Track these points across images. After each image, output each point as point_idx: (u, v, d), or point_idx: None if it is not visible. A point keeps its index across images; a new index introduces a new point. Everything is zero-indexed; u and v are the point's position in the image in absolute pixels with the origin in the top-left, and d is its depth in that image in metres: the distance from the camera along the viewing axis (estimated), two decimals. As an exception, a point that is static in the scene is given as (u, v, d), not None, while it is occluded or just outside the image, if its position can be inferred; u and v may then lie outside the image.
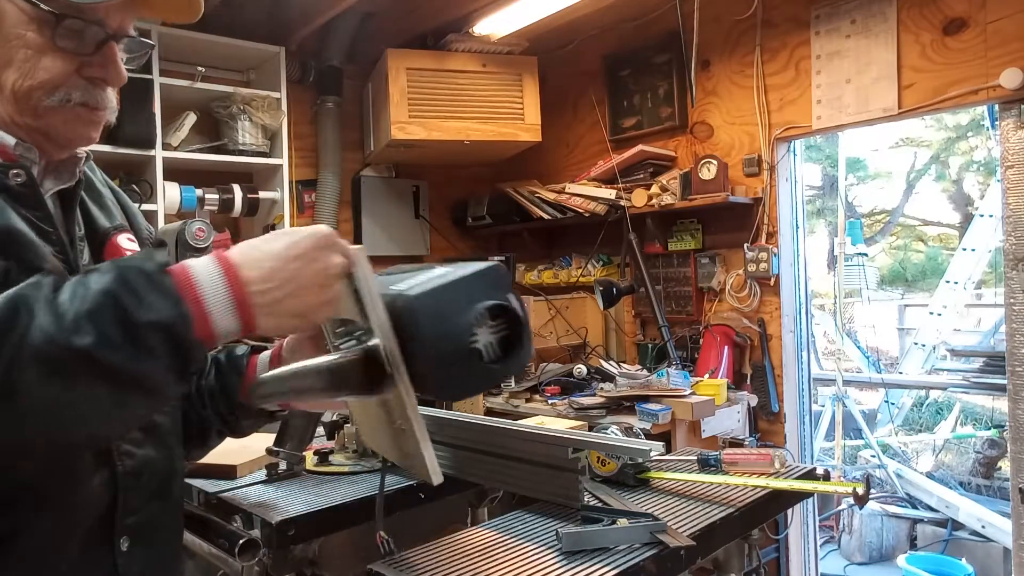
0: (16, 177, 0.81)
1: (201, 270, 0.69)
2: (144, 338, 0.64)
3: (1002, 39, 2.41)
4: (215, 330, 0.69)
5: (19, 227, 0.78)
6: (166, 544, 0.95)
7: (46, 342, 0.61)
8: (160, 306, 0.65)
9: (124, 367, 0.63)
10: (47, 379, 0.61)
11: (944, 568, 3.57)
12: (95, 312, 0.63)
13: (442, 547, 1.06)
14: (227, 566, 1.30)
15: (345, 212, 3.88)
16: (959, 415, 5.99)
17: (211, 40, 3.15)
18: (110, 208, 0.97)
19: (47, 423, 0.63)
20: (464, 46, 3.45)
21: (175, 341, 0.66)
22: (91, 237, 0.91)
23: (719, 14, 3.19)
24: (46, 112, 0.82)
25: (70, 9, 0.79)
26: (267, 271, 0.71)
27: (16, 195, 0.80)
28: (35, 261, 0.78)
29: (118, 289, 0.65)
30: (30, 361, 0.60)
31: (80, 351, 0.62)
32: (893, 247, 10.86)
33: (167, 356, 0.66)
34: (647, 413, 2.46)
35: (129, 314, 0.64)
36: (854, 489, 1.16)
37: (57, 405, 0.62)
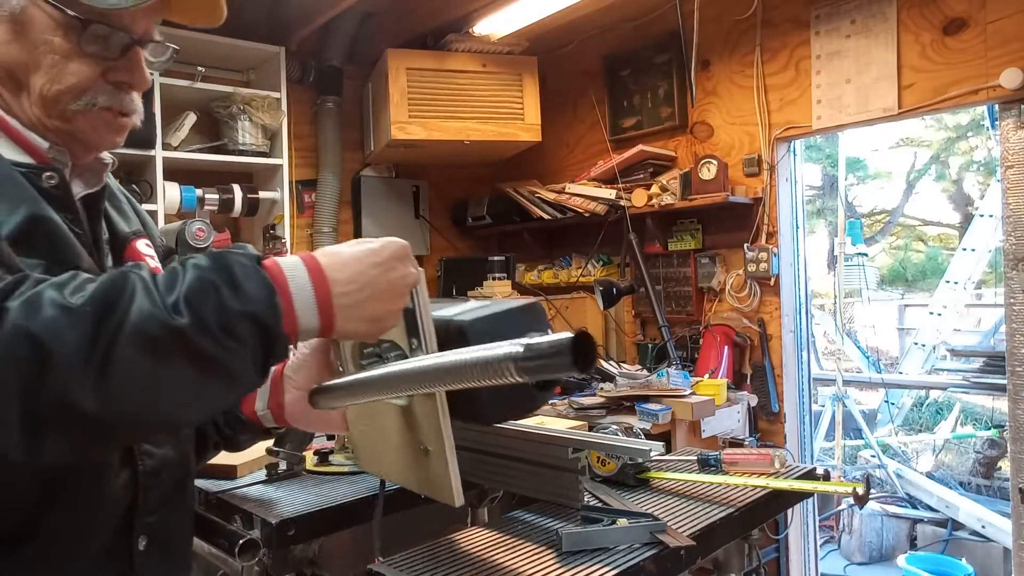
0: (50, 180, 0.83)
1: (290, 267, 0.72)
2: (236, 325, 0.66)
3: (1002, 39, 2.41)
4: (299, 326, 0.71)
5: (61, 227, 0.80)
6: (179, 544, 0.96)
7: (145, 320, 0.63)
8: (255, 296, 0.67)
9: (214, 351, 0.65)
10: (142, 356, 0.62)
11: (944, 568, 3.57)
12: (193, 296, 0.65)
13: (442, 547, 1.06)
14: (227, 566, 1.30)
15: (345, 212, 3.88)
16: (959, 415, 5.99)
17: (211, 40, 3.15)
18: (128, 214, 1.00)
19: (134, 401, 0.64)
20: (464, 46, 3.45)
21: (264, 332, 0.68)
22: (112, 241, 0.93)
23: (719, 14, 3.19)
24: (73, 116, 0.83)
25: (96, 15, 0.80)
26: (350, 275, 0.74)
27: (49, 197, 0.82)
28: (74, 260, 0.80)
29: (217, 276, 0.67)
30: (128, 338, 0.62)
31: (176, 330, 0.63)
32: (893, 247, 10.86)
33: (254, 346, 0.67)
34: (647, 413, 2.46)
35: (225, 301, 0.66)
36: (854, 489, 1.16)
37: (147, 383, 0.64)
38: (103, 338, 0.61)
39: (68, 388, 0.60)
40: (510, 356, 0.68)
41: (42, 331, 0.61)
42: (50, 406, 0.61)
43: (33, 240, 0.76)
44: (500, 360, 0.69)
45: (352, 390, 0.86)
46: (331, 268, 0.74)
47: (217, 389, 0.69)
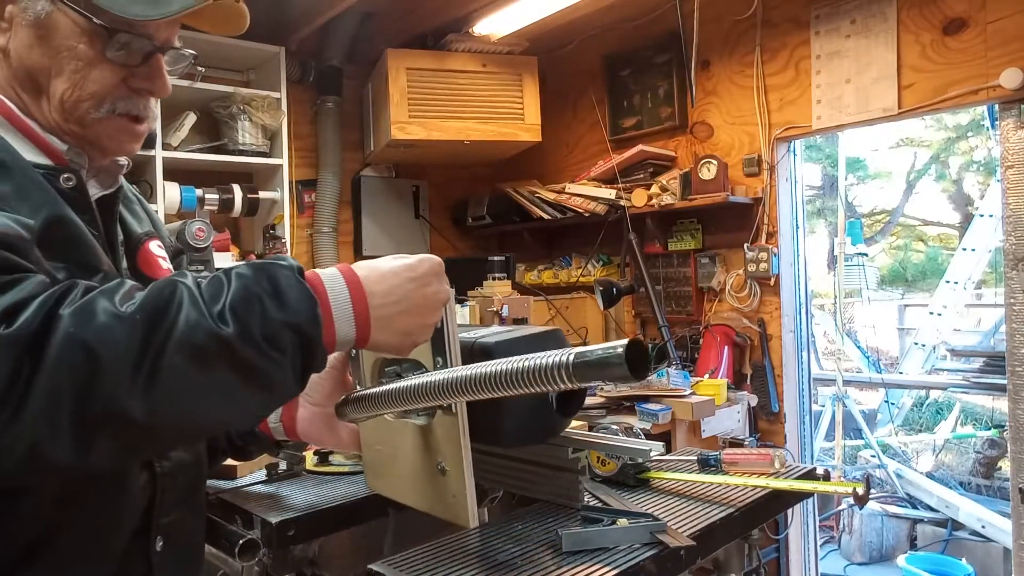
0: (67, 181, 0.83)
1: (330, 279, 0.74)
2: (279, 336, 0.67)
3: (1002, 39, 2.41)
4: (337, 337, 0.73)
5: (81, 229, 0.81)
6: (193, 545, 0.97)
7: (192, 329, 0.64)
8: (298, 307, 0.69)
9: (258, 361, 0.66)
10: (189, 365, 0.64)
11: (944, 568, 3.57)
12: (238, 305, 0.66)
13: (442, 547, 1.06)
14: (227, 566, 1.30)
15: (345, 212, 3.88)
16: (959, 415, 5.99)
17: (211, 40, 3.14)
18: (141, 216, 1.01)
19: (180, 408, 0.65)
20: (464, 46, 3.45)
21: (305, 342, 0.69)
22: (126, 243, 0.94)
23: (719, 14, 3.19)
24: (92, 123, 0.84)
25: (122, 24, 0.81)
26: (387, 288, 0.76)
27: (67, 198, 0.82)
28: (94, 263, 0.81)
29: (261, 287, 0.68)
30: (177, 347, 0.63)
31: (223, 340, 0.65)
32: (893, 247, 10.86)
33: (294, 356, 0.69)
34: (647, 413, 2.46)
35: (269, 311, 0.67)
36: (854, 489, 1.16)
37: (193, 391, 0.65)
38: (153, 346, 0.63)
39: (118, 395, 0.61)
40: (563, 363, 0.68)
41: (94, 339, 0.61)
42: (100, 412, 0.61)
43: (54, 242, 0.77)
44: (553, 367, 0.69)
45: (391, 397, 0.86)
46: (369, 281, 0.75)
47: (259, 398, 0.70)
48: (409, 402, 0.84)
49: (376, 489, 1.15)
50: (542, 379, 0.69)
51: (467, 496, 0.91)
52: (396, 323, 0.77)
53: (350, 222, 3.92)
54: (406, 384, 0.83)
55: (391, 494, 1.12)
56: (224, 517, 1.32)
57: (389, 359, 1.03)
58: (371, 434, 1.09)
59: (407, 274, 0.78)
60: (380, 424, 1.07)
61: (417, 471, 1.01)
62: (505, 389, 0.72)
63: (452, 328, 0.89)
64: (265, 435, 1.05)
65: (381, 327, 0.76)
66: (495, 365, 0.73)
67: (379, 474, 1.13)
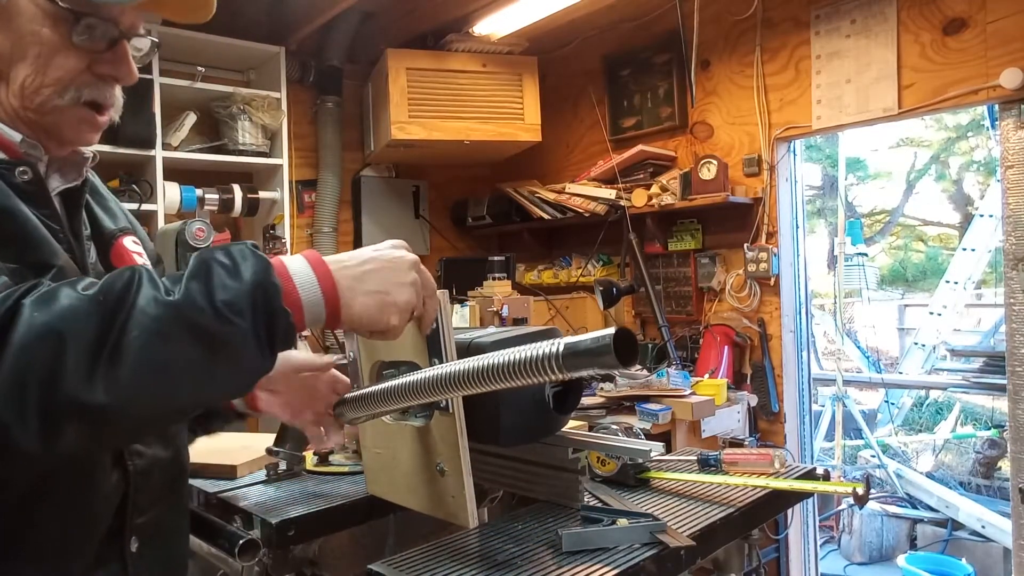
0: (23, 175, 0.81)
1: (288, 257, 0.75)
2: (236, 302, 0.67)
3: (1002, 39, 2.41)
4: (302, 301, 0.73)
5: (33, 225, 0.79)
6: (174, 544, 0.96)
7: (149, 303, 0.65)
8: (250, 272, 0.69)
9: (216, 327, 0.66)
10: (149, 338, 0.64)
11: (944, 568, 3.57)
12: (191, 276, 0.68)
13: (442, 547, 1.06)
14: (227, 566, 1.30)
15: (345, 212, 3.88)
16: (959, 415, 5.98)
17: (211, 40, 3.15)
18: (115, 211, 0.98)
19: (145, 385, 0.65)
20: (464, 46, 3.45)
21: (261, 306, 0.68)
22: (97, 239, 0.92)
23: (719, 14, 3.19)
24: (53, 111, 0.82)
25: (88, 7, 0.79)
26: (347, 256, 0.78)
27: (22, 193, 0.80)
28: (49, 259, 0.79)
29: (214, 258, 0.69)
30: (136, 323, 0.64)
31: (179, 309, 0.65)
32: (893, 247, 10.86)
33: (255, 321, 0.68)
34: (647, 413, 2.46)
35: (224, 280, 0.68)
36: (854, 489, 1.16)
37: (155, 367, 0.64)
38: (116, 324, 0.63)
39: (83, 375, 0.61)
40: (552, 353, 0.68)
41: (58, 320, 0.62)
42: (67, 394, 0.61)
43: (2, 239, 0.75)
44: (542, 357, 0.69)
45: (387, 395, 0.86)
46: (329, 256, 0.77)
47: (225, 370, 0.69)
48: (404, 399, 0.84)
49: (376, 493, 1.15)
50: (533, 370, 0.70)
51: (466, 496, 0.91)
52: (367, 282, 0.76)
53: (350, 222, 3.92)
54: (400, 381, 0.83)
55: (391, 497, 1.12)
56: (224, 517, 1.32)
57: (387, 362, 1.03)
58: (370, 437, 1.10)
59: (368, 249, 0.80)
60: (379, 427, 1.07)
61: (416, 473, 1.01)
62: (498, 382, 0.73)
63: (447, 329, 0.89)
64: (228, 410, 1.05)
65: (350, 287, 0.75)
66: (487, 358, 0.73)
67: (379, 477, 1.13)
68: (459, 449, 0.91)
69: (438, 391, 0.79)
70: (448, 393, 0.79)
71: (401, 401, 0.84)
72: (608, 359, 0.66)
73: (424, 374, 0.80)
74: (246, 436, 1.73)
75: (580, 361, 0.67)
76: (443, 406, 0.93)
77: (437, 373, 0.78)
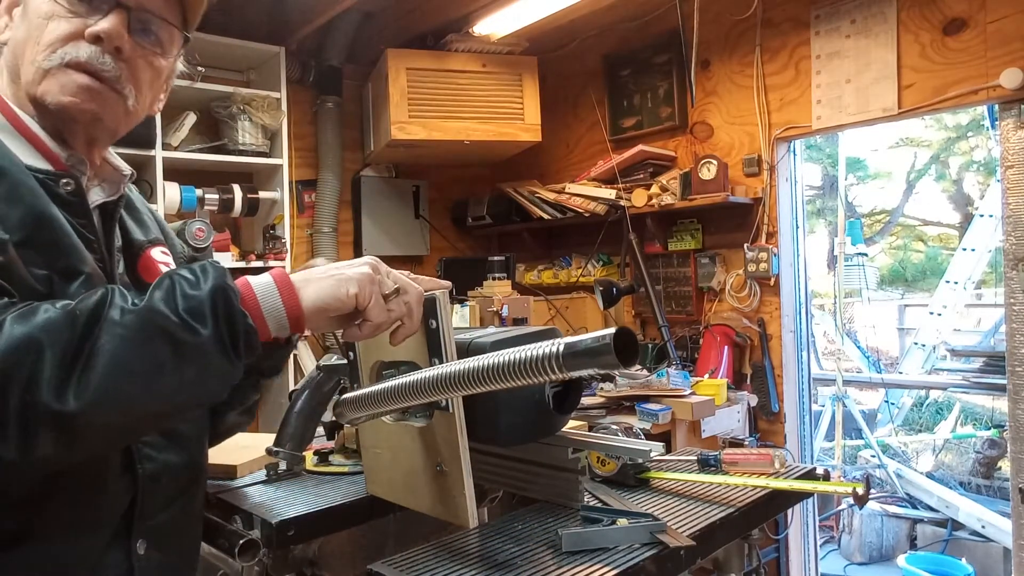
0: (66, 186, 0.84)
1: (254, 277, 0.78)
2: (197, 308, 0.71)
3: (1002, 39, 2.41)
4: (258, 299, 0.76)
5: (67, 231, 0.81)
6: (183, 549, 0.96)
7: (117, 312, 0.68)
8: (210, 281, 0.73)
9: (180, 332, 0.69)
10: (117, 343, 0.67)
11: (944, 568, 3.57)
12: (155, 288, 0.72)
13: (442, 547, 1.06)
14: (227, 566, 1.30)
15: (345, 212, 3.88)
16: (959, 415, 5.99)
17: (211, 40, 3.15)
18: (147, 224, 1.02)
19: (116, 391, 0.67)
20: (464, 46, 3.45)
21: (221, 309, 0.72)
22: (127, 250, 0.95)
23: (719, 14, 3.19)
24: (46, 76, 0.83)
25: None
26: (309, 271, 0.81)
27: (65, 203, 0.83)
28: (78, 265, 0.81)
29: (177, 273, 0.74)
30: (105, 331, 0.67)
31: (139, 313, 0.69)
32: (893, 247, 10.86)
33: (214, 324, 0.71)
34: (647, 413, 2.46)
35: (186, 290, 0.72)
36: (854, 489, 1.16)
37: (124, 370, 0.67)
38: (88, 335, 0.66)
39: (56, 386, 0.64)
40: (552, 353, 0.68)
41: (37, 331, 0.65)
42: (42, 404, 0.63)
43: (37, 243, 0.78)
44: (543, 357, 0.69)
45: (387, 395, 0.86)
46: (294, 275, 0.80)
47: (192, 374, 0.71)
48: (404, 399, 0.84)
49: (376, 493, 1.15)
50: (534, 370, 0.70)
51: (466, 496, 0.91)
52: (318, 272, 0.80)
53: (350, 222, 3.92)
54: (400, 381, 0.83)
55: (391, 497, 1.12)
56: (224, 517, 1.32)
57: (387, 362, 1.03)
58: (370, 437, 1.10)
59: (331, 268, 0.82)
60: (378, 427, 1.07)
61: (416, 473, 1.01)
62: (498, 381, 0.73)
63: (447, 329, 0.89)
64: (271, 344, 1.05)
65: (304, 278, 0.79)
66: (487, 358, 0.73)
67: (379, 477, 1.13)
68: (459, 449, 0.91)
69: (438, 391, 0.79)
70: (448, 393, 0.79)
71: (401, 401, 0.84)
72: (608, 359, 0.66)
73: (424, 374, 0.80)
74: (246, 436, 1.73)
75: (580, 361, 0.67)
76: (443, 406, 0.93)
77: (437, 373, 0.78)
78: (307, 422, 1.50)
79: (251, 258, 3.36)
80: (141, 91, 0.90)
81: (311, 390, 1.42)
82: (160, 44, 0.90)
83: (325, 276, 0.79)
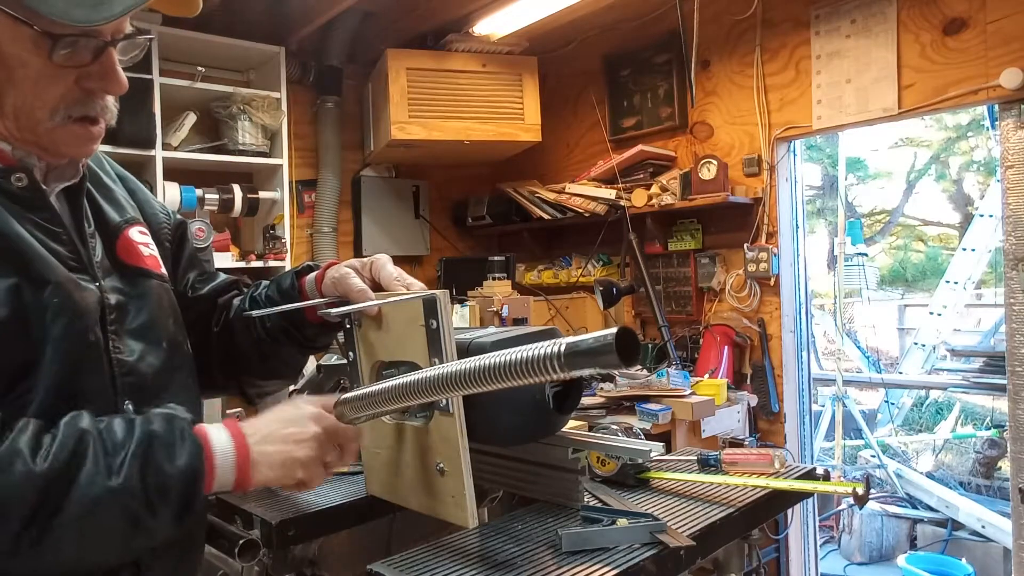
0: (18, 181, 0.82)
1: (217, 441, 0.81)
2: (167, 485, 0.75)
3: (1002, 39, 2.41)
4: (215, 484, 0.80)
5: (24, 239, 0.79)
6: (185, 555, 0.96)
7: (89, 482, 0.72)
8: (185, 456, 0.77)
9: (140, 511, 0.74)
10: (82, 520, 0.71)
11: (944, 568, 3.57)
12: (133, 456, 0.74)
13: (442, 547, 1.06)
14: (227, 566, 1.30)
15: (345, 212, 3.88)
16: (959, 415, 5.99)
17: (211, 40, 3.15)
18: (120, 202, 0.99)
19: (69, 553, 0.72)
20: (464, 46, 3.45)
21: (188, 492, 0.77)
22: (103, 231, 0.92)
23: (719, 14, 3.19)
24: (46, 132, 0.82)
25: (67, 29, 0.77)
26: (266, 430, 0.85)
27: (19, 199, 0.81)
28: (44, 273, 0.80)
29: (156, 435, 0.77)
30: (74, 501, 0.71)
31: (112, 492, 0.72)
32: (893, 247, 10.86)
33: (177, 503, 0.76)
34: (647, 413, 2.46)
35: (159, 461, 0.75)
36: (854, 489, 1.16)
37: (82, 540, 0.72)
38: (51, 504, 0.70)
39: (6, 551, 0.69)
40: (553, 352, 0.68)
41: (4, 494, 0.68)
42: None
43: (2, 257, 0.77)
44: (544, 357, 0.69)
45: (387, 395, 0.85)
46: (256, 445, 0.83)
47: (140, 542, 0.77)
48: (405, 398, 0.84)
49: (376, 493, 1.15)
50: (535, 369, 0.69)
51: (466, 496, 0.91)
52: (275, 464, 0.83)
53: (350, 222, 3.92)
54: (400, 381, 0.83)
55: (391, 497, 1.11)
56: (224, 517, 1.32)
57: (387, 362, 1.03)
58: (369, 438, 1.09)
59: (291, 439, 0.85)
60: (378, 427, 1.07)
61: (416, 473, 1.01)
62: (499, 381, 0.72)
63: (448, 329, 0.89)
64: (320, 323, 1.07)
65: (257, 464, 0.82)
66: (488, 358, 0.73)
67: (378, 477, 1.13)
68: (459, 449, 0.90)
69: (438, 391, 0.79)
70: (448, 393, 0.79)
71: (401, 401, 0.84)
72: (610, 359, 0.66)
73: (424, 374, 0.80)
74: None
75: (582, 360, 0.67)
76: (443, 406, 0.93)
77: (437, 373, 0.78)
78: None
79: (251, 258, 3.36)
80: None
81: (311, 390, 1.42)
82: None
83: (277, 459, 0.83)
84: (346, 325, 1.06)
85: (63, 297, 0.80)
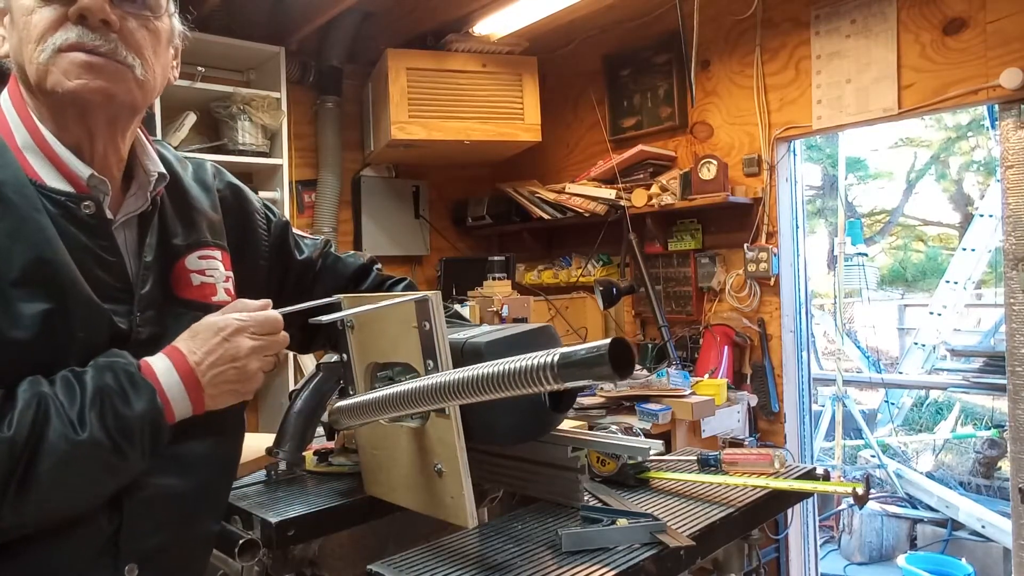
0: (86, 208, 0.84)
1: (159, 365, 0.85)
2: (130, 428, 0.79)
3: (1002, 39, 2.41)
4: (176, 416, 0.85)
5: (67, 268, 0.81)
6: (182, 571, 0.95)
7: (58, 438, 0.75)
8: (143, 401, 0.81)
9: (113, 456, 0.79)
10: (59, 470, 0.75)
11: (944, 568, 3.57)
12: (91, 406, 0.78)
13: (442, 547, 1.06)
14: (227, 566, 1.30)
15: (345, 212, 3.88)
16: (959, 415, 5.99)
17: (211, 40, 3.15)
18: (196, 222, 0.99)
19: (50, 503, 0.76)
20: (464, 46, 3.45)
21: (152, 429, 0.82)
22: (164, 258, 0.94)
23: (719, 14, 3.19)
24: (45, 70, 0.81)
25: None
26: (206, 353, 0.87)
27: (84, 225, 0.83)
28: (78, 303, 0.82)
29: (107, 387, 0.79)
30: (46, 456, 0.74)
31: (80, 444, 0.76)
32: (893, 247, 10.86)
33: (143, 441, 0.81)
34: (647, 413, 2.46)
35: (119, 409, 0.79)
36: (854, 489, 1.16)
37: (63, 490, 0.76)
38: (24, 462, 0.73)
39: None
40: (547, 364, 0.68)
41: None
42: None
43: (35, 283, 0.78)
44: (537, 368, 0.69)
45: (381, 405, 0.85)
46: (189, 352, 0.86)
47: (117, 480, 0.82)
48: (399, 408, 0.84)
49: (375, 493, 1.15)
50: (528, 381, 0.70)
51: (465, 496, 0.91)
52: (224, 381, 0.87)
53: (350, 222, 3.92)
54: (395, 391, 0.83)
55: (390, 497, 1.11)
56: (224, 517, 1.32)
57: (381, 364, 1.03)
58: (367, 438, 1.09)
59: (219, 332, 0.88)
60: (375, 428, 1.07)
61: (414, 473, 1.01)
62: (493, 392, 0.73)
63: (441, 331, 0.89)
64: None
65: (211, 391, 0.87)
66: (481, 369, 0.73)
67: (377, 478, 1.13)
68: (456, 451, 0.90)
69: (433, 401, 0.79)
70: (443, 402, 0.80)
71: (396, 410, 0.85)
72: (603, 370, 0.66)
73: (419, 384, 0.80)
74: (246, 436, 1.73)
75: (575, 372, 0.67)
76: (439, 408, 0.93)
77: (432, 383, 0.78)
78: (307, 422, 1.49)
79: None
80: (145, 58, 0.86)
81: (311, 390, 1.42)
82: (147, 6, 0.87)
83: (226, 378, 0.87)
84: (339, 327, 1.06)
85: (90, 329, 0.83)
